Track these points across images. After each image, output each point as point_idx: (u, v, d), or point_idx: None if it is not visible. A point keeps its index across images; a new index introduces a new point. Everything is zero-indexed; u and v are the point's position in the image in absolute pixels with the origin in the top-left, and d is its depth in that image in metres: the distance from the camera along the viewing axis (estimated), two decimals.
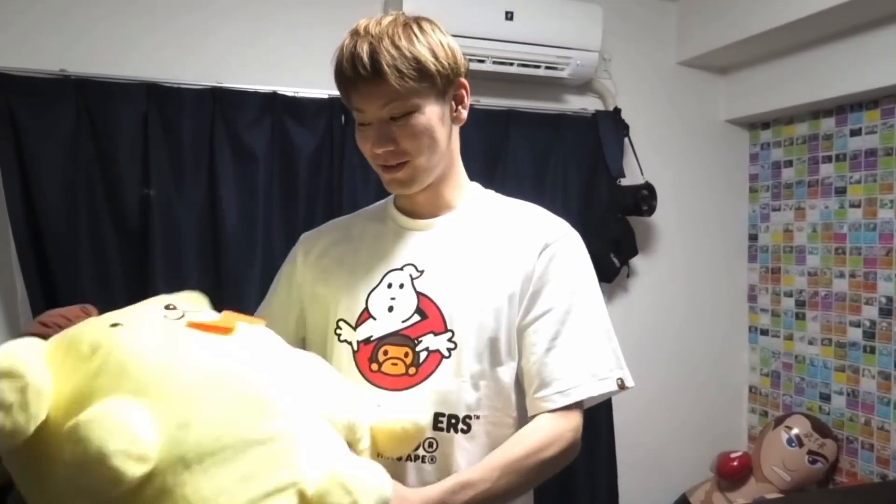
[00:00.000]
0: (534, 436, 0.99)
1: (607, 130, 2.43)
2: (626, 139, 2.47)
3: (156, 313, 0.82)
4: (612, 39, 2.44)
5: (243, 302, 1.31)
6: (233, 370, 0.76)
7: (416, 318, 1.03)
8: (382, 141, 1.00)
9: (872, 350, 2.31)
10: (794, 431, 2.36)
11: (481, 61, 2.20)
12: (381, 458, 0.92)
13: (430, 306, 1.03)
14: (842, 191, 2.42)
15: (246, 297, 1.90)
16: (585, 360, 1.02)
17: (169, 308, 0.84)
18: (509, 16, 2.21)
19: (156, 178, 1.94)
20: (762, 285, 2.75)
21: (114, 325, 0.77)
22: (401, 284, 1.06)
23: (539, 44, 2.25)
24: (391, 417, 0.91)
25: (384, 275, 1.07)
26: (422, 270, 1.06)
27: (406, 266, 1.07)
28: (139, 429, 0.64)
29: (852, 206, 2.39)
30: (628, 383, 1.06)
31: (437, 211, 1.10)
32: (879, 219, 2.30)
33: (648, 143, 2.54)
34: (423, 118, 0.99)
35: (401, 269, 1.07)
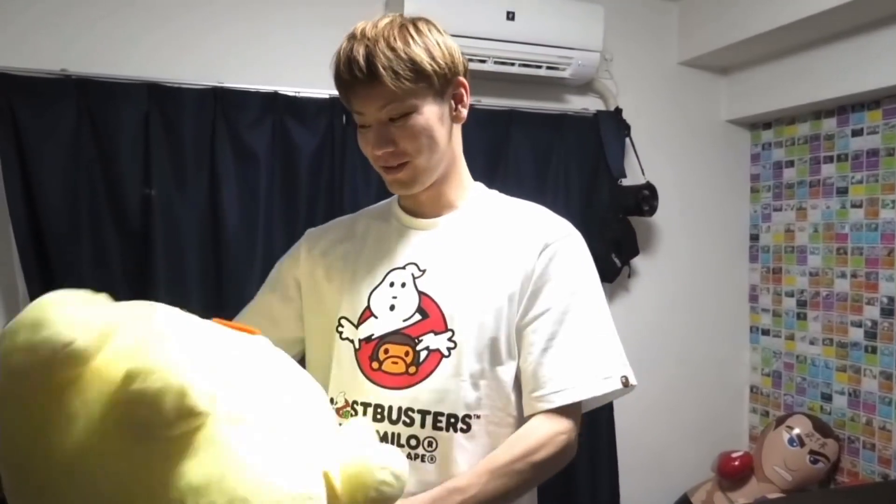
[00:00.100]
0: (526, 438, 0.99)
1: (608, 130, 2.43)
2: (627, 139, 2.47)
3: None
4: (613, 39, 2.44)
5: (244, 302, 1.30)
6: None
7: (417, 317, 1.03)
8: (382, 142, 1.00)
9: (874, 350, 2.31)
10: (796, 431, 2.36)
11: (482, 61, 2.20)
12: None
13: (431, 305, 1.03)
14: (843, 191, 2.42)
15: (247, 297, 1.88)
16: (583, 360, 1.02)
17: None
18: (510, 16, 2.21)
19: (157, 177, 1.94)
20: (763, 285, 2.75)
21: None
22: (403, 283, 1.06)
23: (540, 44, 2.25)
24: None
25: (387, 273, 1.07)
26: (423, 269, 1.06)
27: (408, 265, 1.07)
28: (206, 371, 0.65)
29: (854, 206, 2.39)
30: (632, 381, 1.05)
31: (440, 210, 1.10)
32: (881, 219, 2.29)
33: (650, 143, 2.54)
34: (422, 118, 0.99)
35: (403, 267, 1.07)
